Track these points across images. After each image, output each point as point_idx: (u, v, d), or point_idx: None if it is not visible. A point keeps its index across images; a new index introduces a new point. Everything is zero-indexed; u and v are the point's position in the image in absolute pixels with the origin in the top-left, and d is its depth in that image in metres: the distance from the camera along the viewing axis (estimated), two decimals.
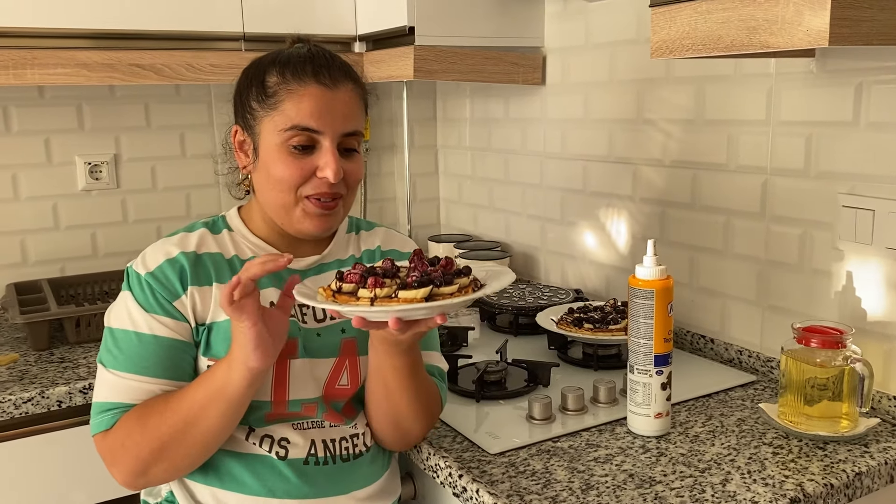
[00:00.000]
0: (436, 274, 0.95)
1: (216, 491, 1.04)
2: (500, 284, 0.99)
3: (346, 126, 1.05)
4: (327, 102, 1.04)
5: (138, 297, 1.04)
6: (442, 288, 0.94)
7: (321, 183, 1.04)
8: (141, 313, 1.03)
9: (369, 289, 0.93)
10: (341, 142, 1.06)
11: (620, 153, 1.68)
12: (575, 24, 1.76)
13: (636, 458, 1.08)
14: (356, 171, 1.08)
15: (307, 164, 1.03)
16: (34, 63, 1.56)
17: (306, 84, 1.03)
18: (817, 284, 1.30)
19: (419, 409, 1.07)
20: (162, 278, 1.04)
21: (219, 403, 0.97)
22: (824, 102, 1.26)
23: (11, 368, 1.47)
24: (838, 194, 1.25)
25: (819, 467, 1.04)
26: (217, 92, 2.04)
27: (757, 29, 0.94)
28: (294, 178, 1.04)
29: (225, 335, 1.03)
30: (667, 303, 1.11)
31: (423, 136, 2.35)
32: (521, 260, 2.04)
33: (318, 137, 1.04)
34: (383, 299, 0.92)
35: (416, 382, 1.05)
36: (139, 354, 1.01)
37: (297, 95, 1.03)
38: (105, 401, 1.01)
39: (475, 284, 0.98)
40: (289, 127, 1.03)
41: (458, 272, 0.98)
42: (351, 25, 1.87)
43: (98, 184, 1.93)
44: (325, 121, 1.03)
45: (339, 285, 0.96)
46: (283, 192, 1.05)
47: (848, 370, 1.11)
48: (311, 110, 1.03)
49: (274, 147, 1.04)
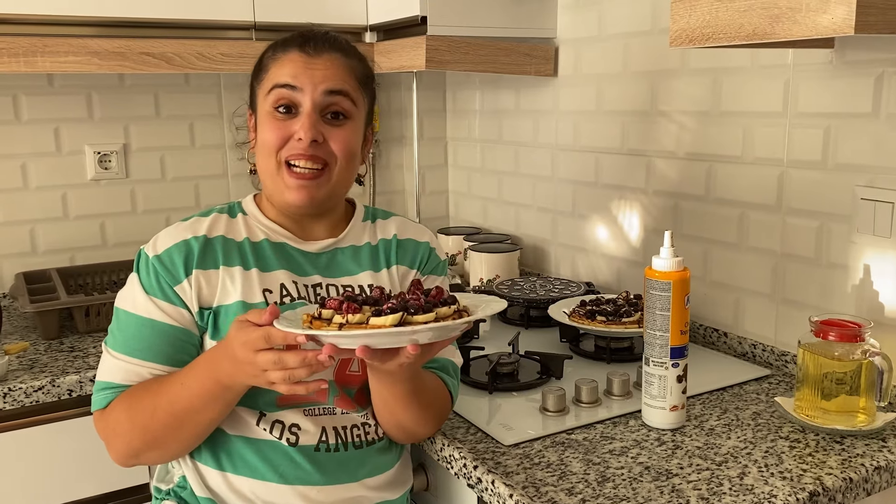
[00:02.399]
0: (416, 301, 0.90)
1: (228, 476, 1.04)
2: (484, 312, 0.93)
3: (329, 83, 1.05)
4: (307, 63, 1.05)
5: (143, 279, 1.05)
6: (416, 316, 0.88)
7: (297, 145, 1.04)
8: (143, 296, 1.04)
9: (342, 314, 0.90)
10: (325, 105, 1.05)
11: (633, 145, 1.66)
12: (588, 15, 1.74)
13: (652, 450, 1.07)
14: (343, 138, 1.06)
15: (287, 127, 1.05)
16: (45, 50, 1.55)
17: (289, 51, 1.07)
18: (834, 278, 1.29)
19: (424, 417, 1.07)
20: (167, 262, 1.04)
21: (216, 405, 0.98)
22: (843, 94, 1.25)
23: (21, 357, 1.46)
24: (856, 187, 1.24)
25: (837, 461, 1.03)
26: (227, 82, 2.03)
27: (780, 17, 0.93)
28: (274, 140, 1.04)
29: (225, 320, 1.04)
30: (684, 295, 1.10)
31: (432, 128, 2.34)
32: (531, 252, 2.03)
33: (298, 97, 1.04)
34: (354, 325, 0.88)
35: (419, 399, 1.04)
36: (135, 337, 1.03)
37: (279, 61, 1.07)
38: (102, 380, 1.04)
39: (459, 314, 0.92)
40: (270, 89, 1.05)
41: (442, 301, 0.92)
42: (362, 15, 1.86)
43: (107, 173, 1.92)
44: (302, 78, 1.04)
45: (320, 311, 0.93)
46: (267, 158, 1.06)
47: (866, 364, 1.10)
48: (290, 70, 1.05)
49: (264, 114, 1.07)
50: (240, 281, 1.05)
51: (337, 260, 1.13)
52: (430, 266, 1.17)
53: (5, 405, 1.31)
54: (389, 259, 1.15)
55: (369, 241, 1.16)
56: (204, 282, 1.04)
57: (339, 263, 1.12)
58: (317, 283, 1.09)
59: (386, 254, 1.15)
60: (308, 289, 1.08)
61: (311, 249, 1.11)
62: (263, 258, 1.08)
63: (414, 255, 1.17)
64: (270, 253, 1.09)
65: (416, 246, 1.17)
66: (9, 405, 1.32)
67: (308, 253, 1.11)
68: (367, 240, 1.16)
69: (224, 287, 1.04)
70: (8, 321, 1.69)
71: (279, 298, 1.05)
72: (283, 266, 1.08)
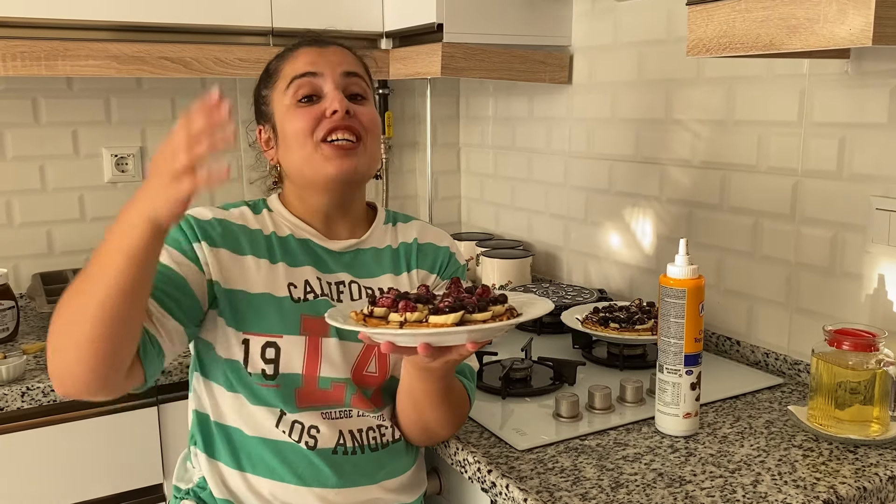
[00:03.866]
0: (469, 300, 0.93)
1: (248, 476, 1.05)
2: (535, 312, 0.96)
3: (344, 66, 1.11)
4: (319, 53, 1.11)
5: (171, 232, 1.01)
6: (475, 314, 0.91)
7: (331, 120, 1.07)
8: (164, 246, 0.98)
9: (400, 313, 0.91)
10: (345, 86, 1.10)
11: (647, 153, 1.67)
12: (603, 24, 1.75)
13: (665, 457, 1.08)
14: (369, 113, 1.11)
15: (316, 111, 1.08)
16: (66, 54, 1.57)
17: (297, 47, 1.13)
18: (848, 287, 1.29)
19: (449, 418, 1.08)
20: (203, 222, 1.07)
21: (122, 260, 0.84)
22: (858, 104, 1.25)
23: (39, 357, 1.48)
24: (871, 197, 1.24)
25: (851, 471, 1.03)
26: (242, 87, 2.04)
27: (798, 28, 0.94)
28: (307, 124, 1.07)
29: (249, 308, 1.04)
30: (698, 302, 1.10)
31: (445, 134, 2.35)
32: (543, 259, 2.04)
33: (319, 82, 1.09)
34: (413, 324, 0.90)
35: (448, 399, 1.06)
36: None
37: (291, 58, 1.12)
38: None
39: (511, 313, 0.95)
40: (289, 82, 1.09)
41: (494, 300, 0.95)
42: (378, 21, 1.87)
43: (124, 176, 1.94)
44: (320, 64, 1.09)
45: (371, 309, 0.94)
46: (301, 145, 1.08)
47: (880, 374, 1.10)
48: (305, 60, 1.10)
49: (284, 110, 1.09)
50: (265, 272, 1.07)
51: (360, 260, 1.14)
52: (449, 270, 1.19)
53: (23, 404, 1.33)
54: (410, 263, 1.17)
55: (390, 244, 1.18)
56: (227, 259, 1.05)
57: (362, 264, 1.14)
58: (340, 281, 1.12)
59: (407, 257, 1.17)
60: (332, 286, 1.10)
61: (335, 248, 1.13)
62: (290, 253, 1.10)
63: (434, 260, 1.18)
64: (297, 248, 1.11)
65: (436, 250, 1.19)
66: (27, 404, 1.33)
67: (332, 251, 1.13)
68: (389, 243, 1.18)
69: (250, 274, 1.06)
70: (25, 321, 1.71)
71: (303, 294, 1.07)
72: (309, 262, 1.10)
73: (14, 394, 1.32)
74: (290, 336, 1.04)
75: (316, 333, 1.05)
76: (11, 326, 1.56)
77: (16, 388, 1.32)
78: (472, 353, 0.92)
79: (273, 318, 1.05)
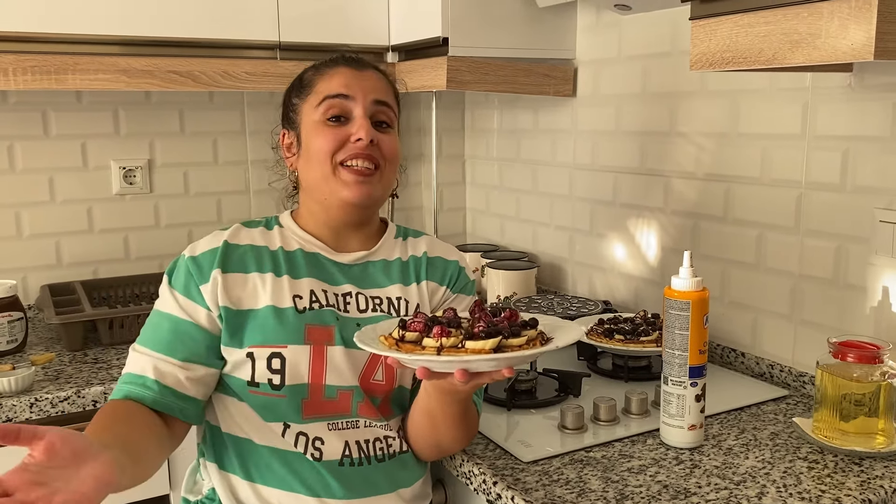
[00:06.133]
0: (503, 325, 0.93)
1: (258, 487, 1.06)
2: (568, 338, 0.95)
3: (376, 94, 1.13)
4: (355, 76, 1.13)
5: (174, 278, 1.10)
6: (510, 339, 0.91)
7: (355, 146, 1.09)
8: (168, 292, 1.08)
9: (435, 338, 0.91)
10: (373, 113, 1.12)
11: (652, 165, 1.68)
12: (608, 37, 1.76)
13: (670, 469, 1.08)
14: (391, 143, 1.14)
15: (342, 133, 1.10)
16: (76, 68, 1.59)
17: (336, 65, 1.15)
18: (852, 299, 1.30)
19: (463, 436, 1.10)
20: (202, 263, 1.09)
21: None
22: (861, 117, 1.26)
23: (47, 368, 1.49)
24: (875, 209, 1.25)
25: (856, 483, 1.03)
26: (250, 100, 2.06)
27: (800, 42, 0.95)
28: (331, 145, 1.10)
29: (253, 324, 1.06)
30: (702, 314, 1.11)
31: (450, 147, 2.37)
32: (548, 270, 2.04)
33: (350, 105, 1.11)
34: (450, 349, 0.90)
35: (465, 419, 1.08)
36: (149, 328, 1.08)
37: (327, 75, 1.14)
38: (125, 373, 1.07)
39: (542, 337, 0.95)
40: (322, 100, 1.12)
41: (525, 324, 0.95)
42: (384, 35, 1.89)
43: (132, 188, 1.96)
44: (354, 88, 1.11)
45: (402, 333, 0.94)
46: (321, 164, 1.10)
47: (885, 386, 1.10)
48: (340, 82, 1.12)
49: (312, 125, 1.12)
50: (270, 286, 1.08)
51: (368, 272, 1.16)
52: (459, 285, 1.20)
53: (32, 415, 1.34)
54: (419, 275, 1.18)
55: (400, 256, 1.19)
56: (232, 283, 1.08)
57: (371, 275, 1.16)
58: (346, 293, 1.13)
59: (416, 270, 1.18)
60: (338, 297, 1.12)
61: (344, 261, 1.15)
62: (295, 266, 1.12)
63: (444, 273, 1.19)
64: (302, 261, 1.13)
65: (445, 264, 1.20)
66: (35, 415, 1.34)
67: (340, 264, 1.15)
68: (398, 255, 1.19)
69: (255, 291, 1.08)
70: (33, 332, 1.72)
71: (308, 304, 1.09)
72: (312, 274, 1.12)
73: (23, 405, 1.33)
74: (294, 346, 1.05)
75: (320, 342, 1.06)
76: (20, 338, 1.58)
77: (24, 399, 1.33)
78: (505, 377, 0.92)
79: (277, 330, 1.06)
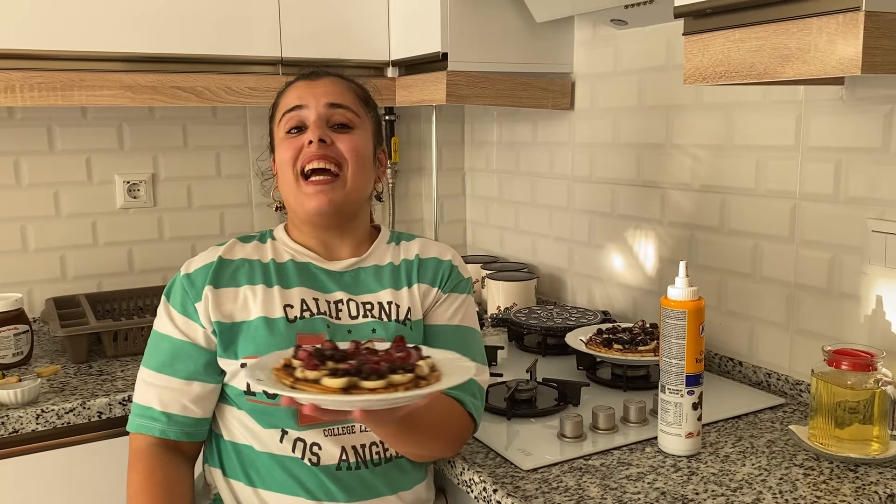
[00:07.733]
0: (373, 366, 0.88)
1: (260, 492, 1.08)
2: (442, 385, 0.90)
3: (329, 97, 1.15)
4: (308, 86, 1.18)
5: (171, 297, 1.13)
6: (366, 382, 0.86)
7: (308, 149, 1.12)
8: (165, 312, 1.12)
9: (300, 369, 0.89)
10: (328, 117, 1.15)
11: (649, 177, 1.70)
12: (604, 51, 1.79)
13: (668, 476, 1.10)
14: (350, 142, 1.15)
15: (298, 142, 1.15)
16: (81, 85, 1.61)
17: (294, 82, 1.21)
18: (846, 308, 1.31)
19: (436, 445, 1.09)
20: (196, 280, 1.12)
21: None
22: (854, 129, 1.28)
23: (52, 380, 1.51)
24: (868, 219, 1.27)
25: (851, 489, 1.05)
26: (252, 114, 2.09)
27: (790, 57, 0.97)
28: (289, 153, 1.14)
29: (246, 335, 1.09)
30: (698, 323, 1.13)
31: (450, 159, 2.39)
32: (547, 281, 2.06)
33: (305, 114, 1.15)
34: (303, 382, 0.87)
35: (415, 436, 1.05)
36: (151, 351, 1.11)
37: (286, 93, 1.20)
38: (134, 402, 1.11)
39: (416, 384, 0.89)
40: (281, 117, 1.17)
41: (401, 367, 0.90)
42: (384, 51, 1.92)
43: (136, 202, 1.98)
44: (307, 97, 1.16)
45: (290, 360, 0.92)
46: (287, 174, 1.14)
47: (879, 393, 1.12)
48: (295, 94, 1.17)
49: (278, 143, 1.17)
50: (261, 297, 1.11)
51: (360, 278, 1.18)
52: (451, 283, 1.21)
53: (38, 426, 1.36)
54: (411, 278, 1.19)
55: (392, 261, 1.21)
56: (223, 298, 1.10)
57: (362, 281, 1.18)
58: (338, 300, 1.15)
59: (408, 273, 1.19)
60: (329, 304, 1.14)
61: (335, 268, 1.17)
62: (286, 276, 1.14)
63: (435, 273, 1.20)
64: (293, 272, 1.15)
65: (437, 264, 1.21)
66: (41, 426, 1.36)
67: (332, 272, 1.17)
68: (390, 260, 1.21)
69: (246, 304, 1.11)
70: (39, 345, 1.74)
71: (299, 313, 1.11)
72: (303, 283, 1.14)
73: (29, 416, 1.35)
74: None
75: None
76: (26, 350, 1.60)
77: (30, 410, 1.35)
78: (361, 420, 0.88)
79: (268, 339, 1.08)
